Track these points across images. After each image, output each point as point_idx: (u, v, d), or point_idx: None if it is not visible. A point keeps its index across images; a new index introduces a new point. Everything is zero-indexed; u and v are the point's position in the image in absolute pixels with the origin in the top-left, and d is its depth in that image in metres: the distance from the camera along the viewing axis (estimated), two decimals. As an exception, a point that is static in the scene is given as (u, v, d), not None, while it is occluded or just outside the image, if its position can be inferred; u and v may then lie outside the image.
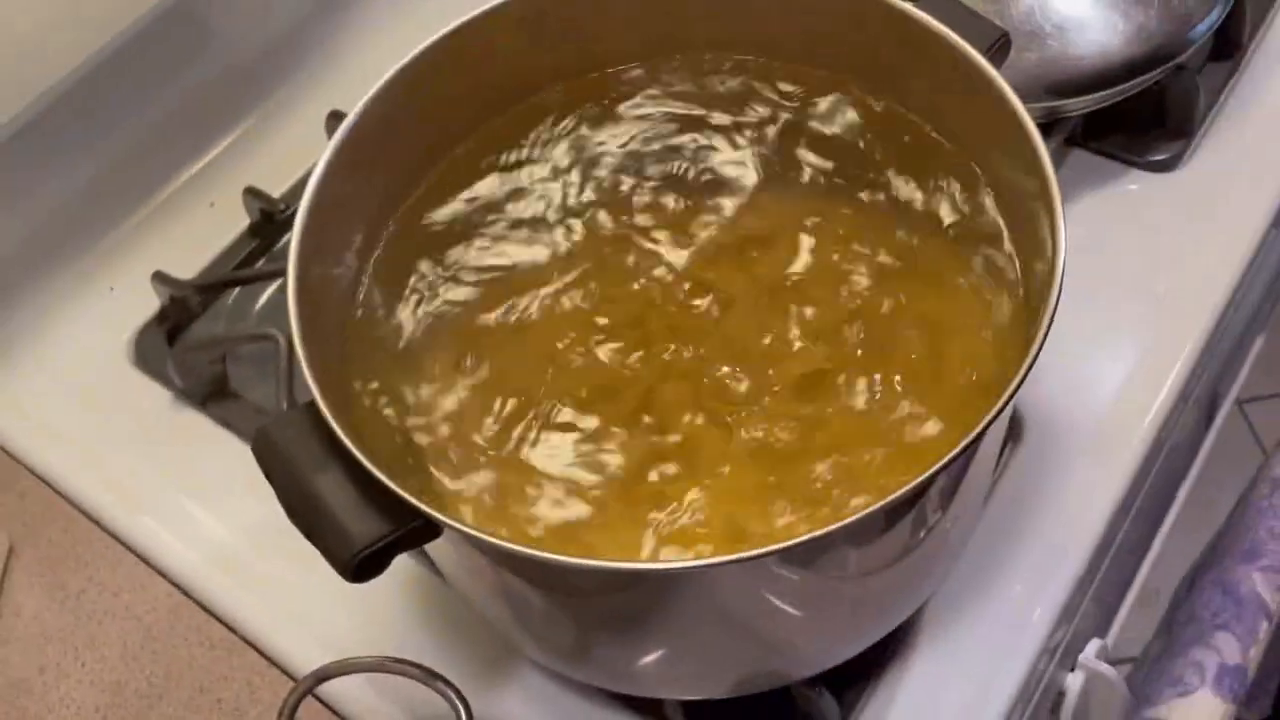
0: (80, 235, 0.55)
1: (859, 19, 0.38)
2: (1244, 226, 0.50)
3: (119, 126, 0.55)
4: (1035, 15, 0.51)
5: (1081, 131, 0.53)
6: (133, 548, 0.47)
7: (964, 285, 0.37)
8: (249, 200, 0.55)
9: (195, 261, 0.55)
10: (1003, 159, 0.36)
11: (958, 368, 0.35)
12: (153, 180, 0.57)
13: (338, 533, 0.28)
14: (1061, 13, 0.51)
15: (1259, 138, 0.53)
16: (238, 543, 0.47)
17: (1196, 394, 0.54)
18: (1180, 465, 0.57)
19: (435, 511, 0.28)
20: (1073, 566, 0.43)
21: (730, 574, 0.31)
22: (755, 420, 0.35)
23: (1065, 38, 0.50)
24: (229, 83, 0.58)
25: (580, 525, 0.33)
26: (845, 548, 0.33)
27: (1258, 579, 0.55)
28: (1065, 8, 0.51)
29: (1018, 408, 0.46)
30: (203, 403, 0.50)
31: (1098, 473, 0.45)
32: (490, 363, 0.36)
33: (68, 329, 0.53)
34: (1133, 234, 0.50)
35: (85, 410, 0.51)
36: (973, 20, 0.36)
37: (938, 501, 0.34)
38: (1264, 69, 0.55)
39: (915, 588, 0.38)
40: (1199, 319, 0.48)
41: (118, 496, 0.48)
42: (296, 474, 0.29)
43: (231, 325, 0.53)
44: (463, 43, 0.38)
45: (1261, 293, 0.60)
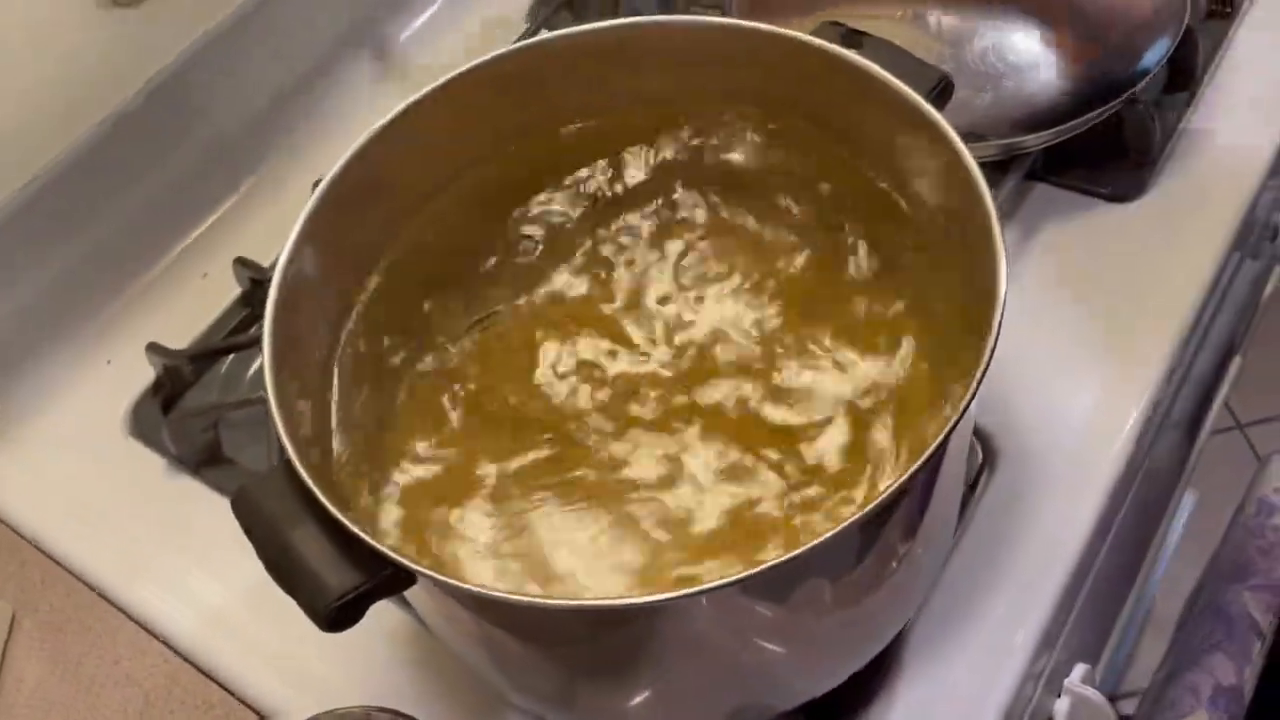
0: (77, 311, 0.57)
1: (806, 68, 0.39)
2: (1204, 252, 0.51)
3: (112, 205, 0.57)
4: (989, 56, 0.52)
5: (1042, 165, 0.54)
6: (131, 614, 0.48)
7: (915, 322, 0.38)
8: (239, 270, 0.57)
9: (190, 331, 0.56)
10: (950, 196, 0.37)
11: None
12: (147, 255, 0.59)
13: (313, 584, 0.29)
14: (1016, 52, 0.53)
15: (1216, 165, 0.54)
16: (233, 605, 0.47)
17: (1174, 418, 0.55)
18: (1163, 489, 0.58)
19: (405, 559, 0.29)
20: (1052, 590, 0.44)
21: (707, 607, 0.32)
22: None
23: (1020, 76, 0.52)
24: (217, 157, 0.60)
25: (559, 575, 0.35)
26: (817, 576, 0.33)
27: (1248, 598, 0.55)
28: (1019, 47, 0.53)
29: (992, 437, 0.47)
30: (197, 469, 0.52)
31: (1071, 498, 0.45)
32: (466, 422, 0.38)
33: (66, 403, 0.55)
34: (1096, 264, 0.52)
35: (84, 481, 0.52)
36: (914, 65, 0.38)
37: (903, 528, 0.35)
38: (1218, 99, 0.57)
39: (889, 617, 0.39)
40: (1164, 344, 0.49)
41: (116, 564, 0.49)
42: (273, 529, 0.30)
43: (225, 392, 0.54)
44: (428, 110, 0.40)
45: (1234, 315, 0.61)
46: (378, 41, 0.65)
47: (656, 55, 0.41)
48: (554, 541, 0.35)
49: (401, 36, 0.66)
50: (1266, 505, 0.57)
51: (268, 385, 0.33)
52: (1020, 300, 0.50)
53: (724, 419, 0.37)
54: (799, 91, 0.40)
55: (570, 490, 0.36)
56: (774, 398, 0.38)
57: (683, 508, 0.35)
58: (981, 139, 0.52)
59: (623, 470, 0.36)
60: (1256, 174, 0.53)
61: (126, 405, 0.54)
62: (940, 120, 0.36)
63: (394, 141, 0.39)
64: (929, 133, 0.36)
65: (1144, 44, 0.52)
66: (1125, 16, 0.53)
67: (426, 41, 0.66)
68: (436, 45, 0.66)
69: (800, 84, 0.40)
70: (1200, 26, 0.59)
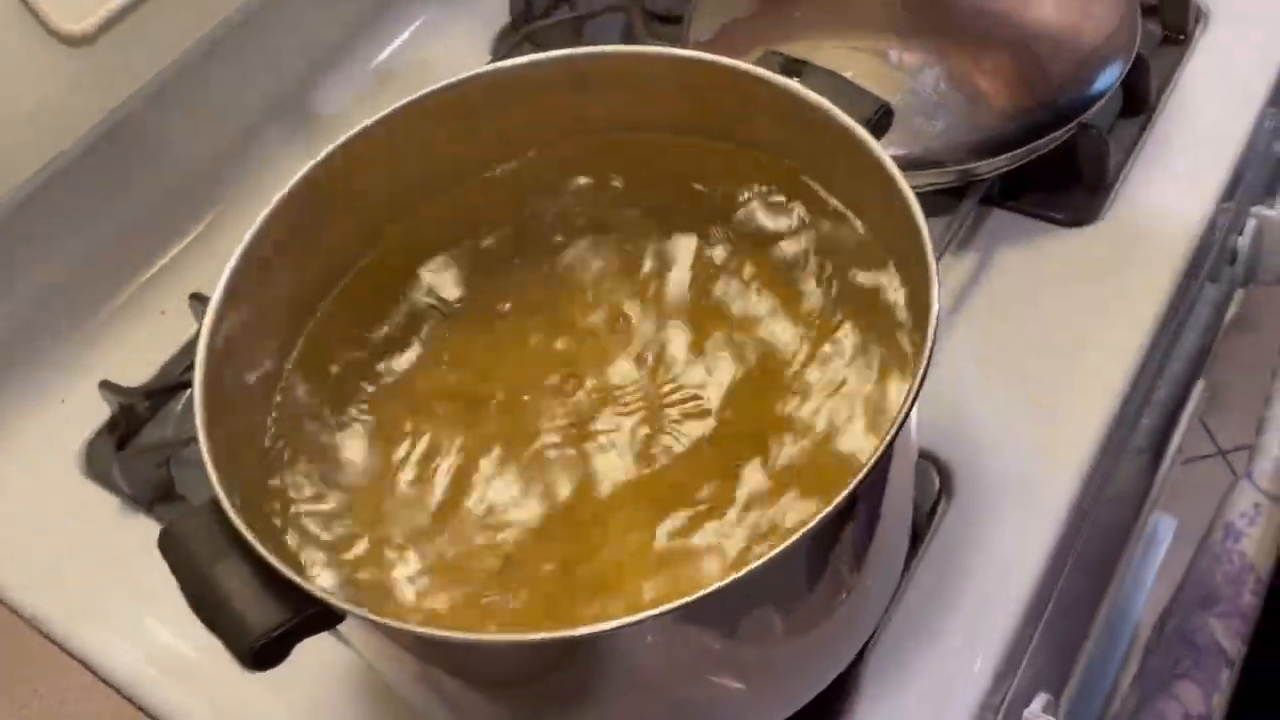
0: (32, 348, 0.56)
1: (748, 97, 0.39)
2: (1160, 276, 0.51)
3: (67, 242, 0.56)
4: (941, 83, 0.53)
5: (999, 191, 0.55)
6: (80, 658, 0.47)
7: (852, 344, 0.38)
8: (196, 306, 0.56)
9: (146, 368, 0.56)
10: (890, 219, 0.37)
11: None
12: (102, 291, 0.58)
13: (235, 622, 0.29)
14: (967, 78, 0.53)
15: (1171, 190, 0.54)
16: (183, 646, 0.47)
17: (1136, 442, 0.55)
18: (1127, 514, 0.57)
19: (326, 595, 0.29)
20: (1010, 617, 0.43)
21: (654, 633, 0.32)
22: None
23: (974, 103, 0.52)
24: (174, 194, 0.60)
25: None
26: (762, 603, 0.33)
27: (1216, 626, 0.55)
28: (970, 73, 0.53)
29: (948, 463, 0.47)
30: (150, 507, 0.51)
31: (1029, 523, 0.45)
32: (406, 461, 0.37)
33: (19, 442, 0.54)
34: (1052, 289, 0.51)
35: (34, 522, 0.52)
36: (854, 93, 0.38)
37: (849, 552, 0.34)
38: (1173, 123, 0.57)
39: (836, 647, 0.39)
40: (1121, 367, 0.48)
41: (64, 605, 0.48)
42: (196, 566, 0.30)
43: (179, 429, 0.54)
44: (379, 138, 0.40)
45: (1197, 339, 0.60)
46: (340, 78, 0.66)
47: (602, 86, 0.41)
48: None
49: (364, 71, 0.66)
50: (1233, 531, 0.57)
51: (196, 415, 0.32)
52: (977, 326, 0.51)
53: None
54: (745, 123, 0.40)
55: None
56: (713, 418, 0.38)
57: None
58: (938, 165, 0.52)
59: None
60: (1211, 198, 0.53)
61: (81, 444, 0.54)
62: (875, 146, 0.35)
63: (341, 171, 0.39)
64: (866, 160, 0.36)
65: (1095, 71, 0.53)
66: (1076, 44, 0.53)
67: (390, 76, 0.66)
68: (400, 80, 0.66)
69: (745, 115, 0.40)
70: (1153, 52, 0.59)
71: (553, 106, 0.41)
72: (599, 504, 0.36)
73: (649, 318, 0.41)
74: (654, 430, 0.38)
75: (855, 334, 0.39)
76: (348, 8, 0.66)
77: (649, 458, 0.37)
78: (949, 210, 0.53)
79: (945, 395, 0.47)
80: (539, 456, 0.37)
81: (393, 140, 0.40)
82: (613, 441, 0.37)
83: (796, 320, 0.39)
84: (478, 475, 0.37)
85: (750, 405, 0.38)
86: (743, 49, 0.55)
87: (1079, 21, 0.54)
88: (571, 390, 0.39)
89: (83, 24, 0.51)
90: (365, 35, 0.67)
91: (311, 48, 0.64)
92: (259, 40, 0.61)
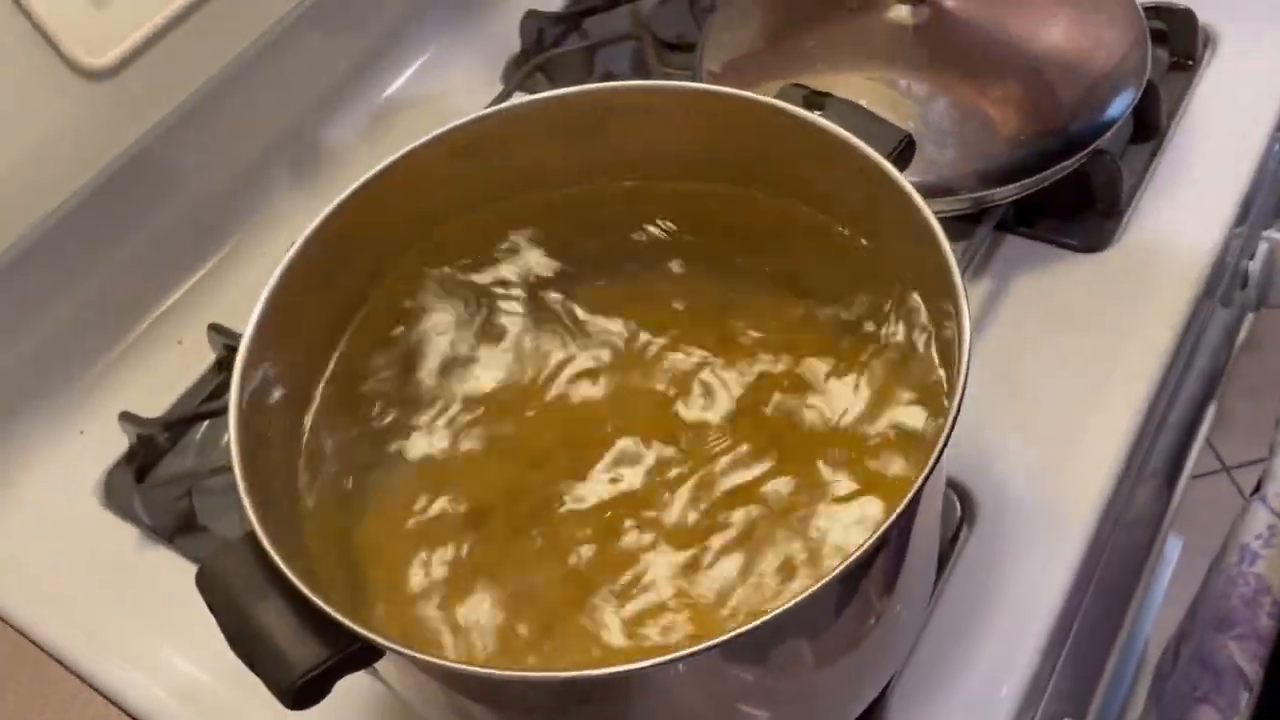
0: (51, 381, 0.56)
1: (770, 131, 0.40)
2: (1174, 300, 0.51)
3: (85, 274, 0.57)
4: (953, 111, 0.53)
5: (1013, 218, 0.55)
6: (102, 690, 0.47)
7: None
8: (214, 336, 0.56)
9: (165, 399, 0.56)
10: (915, 252, 0.37)
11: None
12: (121, 323, 0.58)
13: (276, 660, 0.29)
14: (979, 107, 0.53)
15: (1183, 214, 0.55)
16: (205, 679, 0.47)
17: (1153, 465, 0.55)
18: (1145, 536, 0.58)
19: (371, 633, 0.29)
20: (1035, 642, 0.43)
21: (684, 672, 0.32)
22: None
23: (985, 131, 0.53)
24: (191, 225, 0.60)
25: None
26: (796, 636, 0.33)
27: (1234, 648, 0.55)
28: (982, 102, 0.53)
29: (970, 490, 0.47)
30: (170, 538, 0.51)
31: (1051, 548, 0.45)
32: (437, 492, 0.38)
33: (38, 474, 0.54)
34: (1069, 314, 0.52)
35: (55, 554, 0.52)
36: (876, 125, 0.38)
37: (880, 583, 0.35)
38: (1183, 149, 0.57)
39: (870, 675, 0.39)
40: (1138, 392, 0.49)
41: (86, 638, 0.48)
42: (236, 604, 0.30)
43: (199, 459, 0.54)
44: (403, 173, 0.40)
45: (1210, 361, 0.61)
46: (354, 107, 0.66)
47: (621, 121, 0.41)
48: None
49: (378, 100, 0.67)
50: (1249, 553, 0.57)
51: (233, 455, 0.33)
52: (994, 352, 0.51)
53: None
54: (766, 154, 0.41)
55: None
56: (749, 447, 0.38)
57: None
58: (951, 193, 0.52)
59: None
60: (1223, 222, 0.54)
61: (100, 475, 0.54)
62: (901, 179, 0.36)
63: (357, 212, 0.39)
64: (892, 192, 0.36)
65: (1107, 98, 0.53)
66: (1088, 72, 0.54)
67: (404, 105, 0.67)
68: (414, 109, 0.67)
69: (766, 146, 0.40)
70: (1163, 79, 0.60)
71: (577, 142, 0.41)
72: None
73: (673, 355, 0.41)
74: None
75: (882, 364, 0.39)
76: (359, 39, 0.66)
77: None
78: (964, 236, 0.53)
79: (963, 421, 0.47)
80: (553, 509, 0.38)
81: (413, 175, 0.40)
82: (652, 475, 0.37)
83: (823, 352, 0.40)
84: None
85: (784, 434, 0.38)
86: (754, 79, 0.56)
87: (1090, 49, 0.55)
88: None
89: (103, 58, 0.52)
90: (377, 65, 0.67)
91: (324, 79, 0.65)
92: (273, 73, 0.61)
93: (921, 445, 0.36)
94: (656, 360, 0.40)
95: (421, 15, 0.68)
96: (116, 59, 0.52)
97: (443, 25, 0.69)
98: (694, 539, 0.36)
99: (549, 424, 0.39)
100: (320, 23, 0.62)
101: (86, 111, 0.52)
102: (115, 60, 0.52)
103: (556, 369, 0.41)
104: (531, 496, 0.37)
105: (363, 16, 0.66)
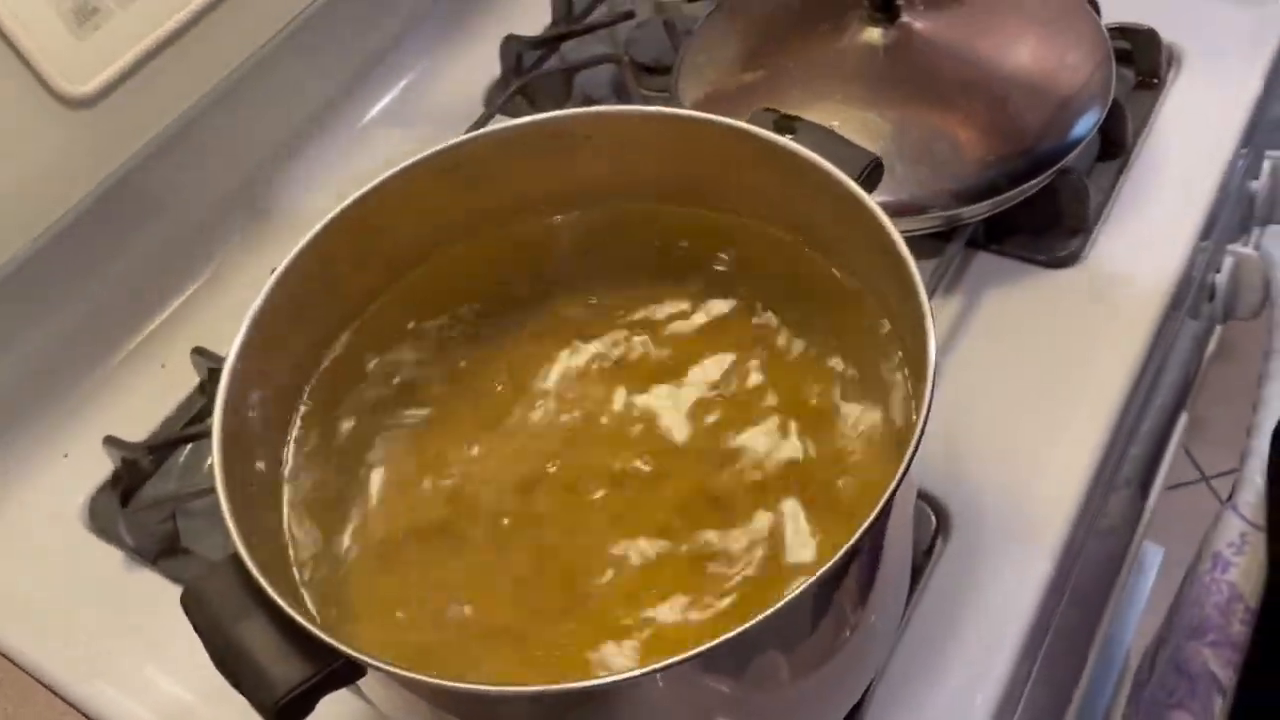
0: (35, 405, 0.57)
1: (741, 155, 0.40)
2: (1142, 314, 0.52)
3: (70, 299, 0.57)
4: (924, 132, 0.54)
5: (983, 235, 0.56)
6: (88, 712, 0.48)
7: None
8: (197, 359, 0.57)
9: (148, 422, 0.56)
10: (883, 273, 0.38)
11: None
12: (104, 347, 0.59)
13: (259, 678, 0.29)
14: (949, 128, 0.55)
15: (1150, 230, 0.56)
16: (190, 701, 0.47)
17: (1125, 475, 0.56)
18: (1118, 545, 0.59)
19: (353, 650, 0.29)
20: (1009, 651, 0.44)
21: (660, 684, 0.32)
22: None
23: (955, 151, 0.54)
24: (175, 249, 0.61)
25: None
26: (772, 647, 0.34)
27: (1208, 655, 0.56)
28: (952, 123, 0.54)
29: (944, 503, 0.48)
30: (155, 560, 0.51)
31: (1024, 559, 0.46)
32: (418, 513, 0.38)
33: (22, 498, 0.55)
34: (1039, 329, 0.53)
35: (40, 578, 0.52)
36: (845, 148, 0.39)
37: (854, 593, 0.35)
38: (1149, 166, 0.59)
39: (844, 686, 0.39)
40: (1108, 404, 0.50)
41: (72, 661, 0.49)
42: (220, 623, 0.30)
43: (183, 482, 0.54)
44: (387, 195, 0.41)
45: (1180, 372, 0.62)
46: (336, 131, 0.67)
47: (593, 145, 0.42)
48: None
49: (359, 124, 0.68)
50: (1221, 561, 0.58)
51: (217, 477, 0.33)
52: (966, 368, 0.52)
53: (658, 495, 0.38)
54: (738, 177, 0.42)
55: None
56: (719, 464, 0.38)
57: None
58: (923, 211, 0.53)
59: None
60: (1189, 237, 0.55)
61: (84, 499, 0.54)
62: (869, 201, 0.37)
63: (344, 233, 0.40)
64: (860, 213, 0.37)
65: (1073, 117, 0.54)
66: (1055, 91, 0.55)
67: (385, 128, 0.68)
68: (395, 132, 0.67)
69: (736, 169, 0.41)
70: (1128, 97, 0.61)
71: (555, 164, 0.42)
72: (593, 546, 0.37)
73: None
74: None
75: (847, 380, 0.40)
76: (341, 64, 0.67)
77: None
78: (935, 254, 0.54)
79: (936, 434, 0.48)
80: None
81: (404, 196, 0.41)
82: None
83: (790, 366, 0.40)
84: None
85: (746, 444, 0.39)
86: (730, 102, 0.57)
87: (1056, 69, 0.56)
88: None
89: (85, 86, 0.53)
90: (359, 90, 0.68)
91: (305, 104, 0.66)
92: (255, 98, 0.62)
93: (891, 457, 0.37)
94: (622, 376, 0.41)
95: (402, 39, 0.69)
96: (98, 87, 0.53)
97: (424, 49, 0.70)
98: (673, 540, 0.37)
99: (530, 441, 0.40)
100: (301, 49, 0.63)
101: (68, 139, 0.52)
102: (97, 88, 0.53)
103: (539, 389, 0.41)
104: (511, 513, 0.38)
105: (343, 43, 0.67)
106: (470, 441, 0.40)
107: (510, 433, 0.40)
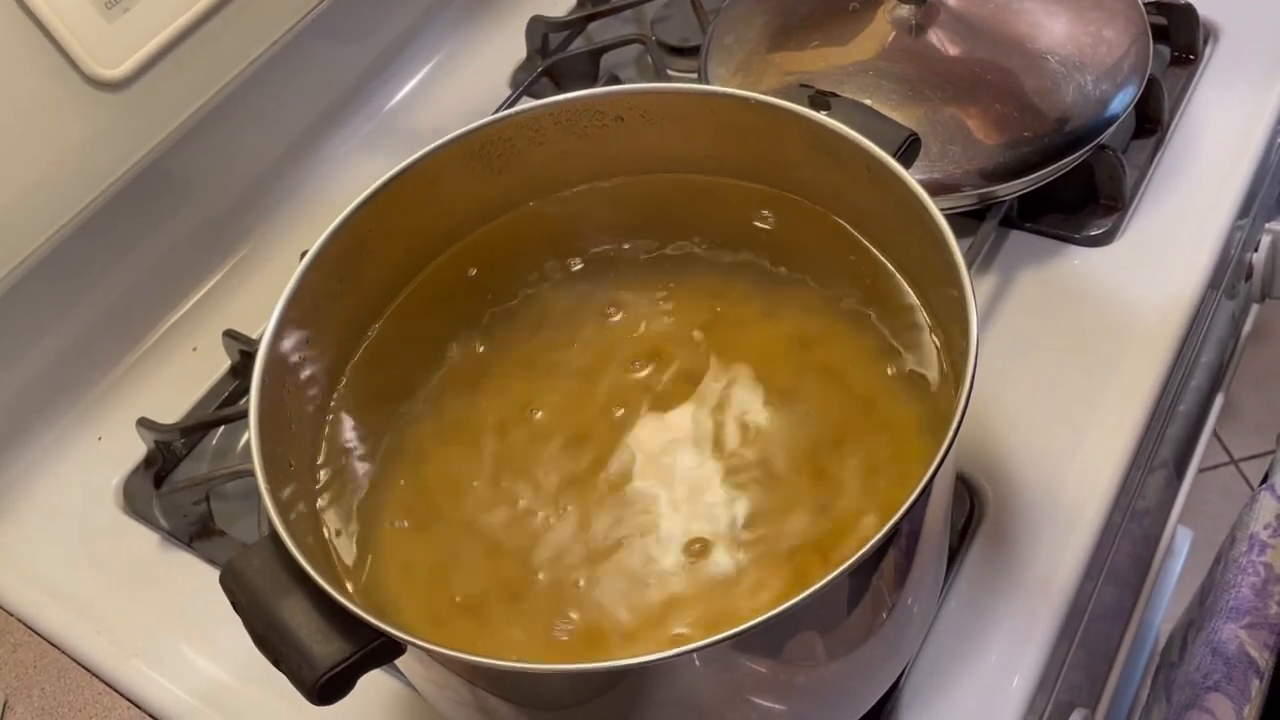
0: (68, 388, 0.57)
1: (775, 130, 0.40)
2: (1180, 293, 0.52)
3: (102, 283, 0.57)
4: (958, 109, 0.54)
5: (1017, 213, 0.55)
6: (125, 693, 0.48)
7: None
8: (229, 342, 0.57)
9: (181, 405, 0.57)
10: (922, 250, 0.38)
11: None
12: (136, 330, 0.59)
13: (301, 656, 0.29)
14: (984, 104, 0.54)
15: (1187, 208, 0.55)
16: (227, 680, 0.47)
17: (1161, 456, 0.55)
18: (1153, 527, 0.58)
19: (393, 628, 0.29)
20: (1046, 634, 0.44)
21: (699, 665, 0.32)
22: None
23: (989, 128, 0.53)
24: (205, 232, 0.61)
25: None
26: (809, 629, 0.34)
27: (1245, 637, 0.55)
28: (987, 99, 0.54)
29: (979, 484, 0.48)
30: (189, 542, 0.52)
31: (1061, 541, 0.45)
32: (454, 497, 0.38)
33: (58, 480, 0.55)
34: (1075, 308, 0.52)
35: (76, 559, 0.52)
36: (882, 124, 0.39)
37: (892, 576, 0.35)
38: (1186, 142, 0.58)
39: (882, 668, 0.39)
40: (1145, 385, 0.49)
41: (109, 642, 0.49)
42: (260, 602, 0.30)
43: (216, 464, 0.55)
44: (417, 176, 0.41)
45: (1216, 353, 0.61)
46: (363, 113, 0.67)
47: (640, 122, 0.42)
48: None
49: (386, 107, 0.67)
50: (1257, 542, 0.58)
51: (254, 457, 0.33)
52: (1001, 347, 0.51)
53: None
54: (769, 154, 0.41)
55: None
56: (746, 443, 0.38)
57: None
58: (956, 189, 0.53)
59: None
60: (1226, 214, 0.54)
61: (118, 481, 0.55)
62: (907, 176, 0.36)
63: (377, 213, 0.40)
64: (898, 189, 0.37)
65: (1109, 93, 0.54)
66: (1090, 68, 0.54)
67: (412, 110, 0.68)
68: (422, 114, 0.67)
69: (770, 145, 0.41)
70: (1164, 73, 0.60)
71: (593, 143, 0.42)
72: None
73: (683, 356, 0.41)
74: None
75: (882, 357, 0.39)
76: (367, 47, 0.67)
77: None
78: (969, 232, 0.54)
79: (971, 414, 0.48)
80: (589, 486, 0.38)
81: (433, 178, 0.41)
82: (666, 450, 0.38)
83: (823, 340, 0.40)
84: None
85: (789, 432, 0.39)
86: (759, 81, 0.57)
87: (1092, 45, 0.55)
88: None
89: (116, 70, 0.53)
90: (385, 72, 0.68)
91: (332, 87, 0.65)
92: (282, 81, 0.62)
93: (931, 438, 0.37)
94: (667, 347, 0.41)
95: (429, 21, 0.69)
96: (129, 70, 0.53)
97: (449, 31, 0.70)
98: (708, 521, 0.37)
99: (574, 417, 0.40)
100: (328, 32, 0.63)
101: (100, 123, 0.53)
102: (128, 71, 0.53)
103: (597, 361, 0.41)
104: (553, 495, 0.38)
105: (370, 25, 0.66)
106: (508, 421, 0.40)
107: (553, 412, 0.40)
